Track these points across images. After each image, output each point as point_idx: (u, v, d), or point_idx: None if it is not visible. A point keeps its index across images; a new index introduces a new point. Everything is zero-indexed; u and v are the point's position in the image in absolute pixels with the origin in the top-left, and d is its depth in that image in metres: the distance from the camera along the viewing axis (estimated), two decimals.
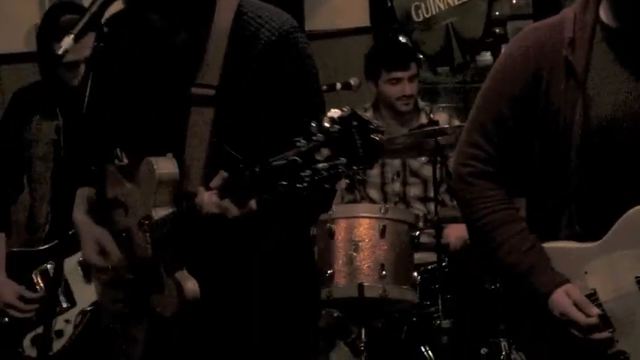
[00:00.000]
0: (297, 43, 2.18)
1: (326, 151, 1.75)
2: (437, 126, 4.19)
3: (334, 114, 1.78)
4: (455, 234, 4.36)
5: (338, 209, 3.98)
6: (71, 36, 1.95)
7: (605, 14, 2.34)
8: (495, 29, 5.49)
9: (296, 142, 1.79)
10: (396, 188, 4.67)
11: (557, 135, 2.33)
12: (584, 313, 2.29)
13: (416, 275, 3.96)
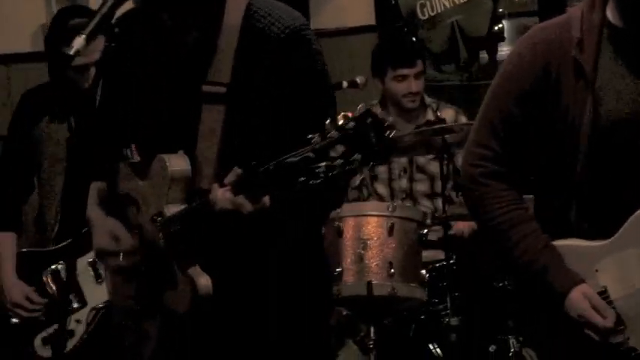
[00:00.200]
0: (306, 40, 2.19)
1: (341, 148, 1.76)
2: (444, 123, 4.19)
3: (349, 111, 1.79)
4: (464, 223, 4.37)
5: (346, 207, 3.98)
6: (83, 36, 1.96)
7: (611, 14, 2.34)
8: (494, 27, 5.50)
9: (310, 139, 1.80)
10: (403, 184, 4.68)
11: (565, 134, 2.34)
12: (602, 317, 2.30)
13: (424, 273, 3.95)
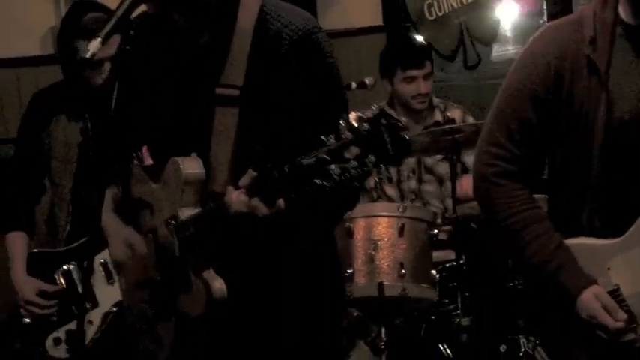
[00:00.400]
0: (319, 43, 2.18)
1: (355, 150, 1.76)
2: (453, 124, 4.19)
3: (363, 113, 1.79)
4: (469, 184, 4.35)
5: (356, 208, 3.94)
6: (99, 39, 1.97)
7: (624, 12, 2.35)
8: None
9: (324, 141, 1.79)
10: (412, 185, 4.69)
11: (579, 132, 2.34)
12: (612, 317, 2.31)
13: (435, 273, 3.96)
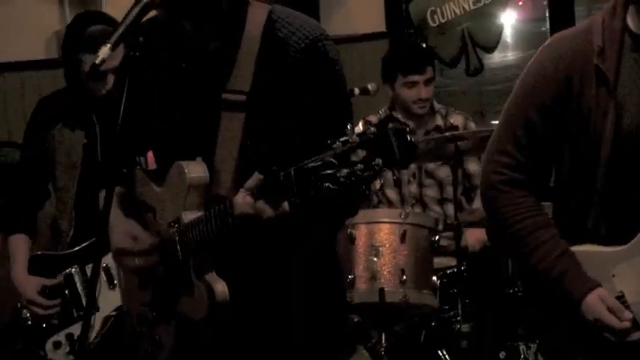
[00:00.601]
0: (326, 50, 2.20)
1: (362, 153, 1.76)
2: (455, 130, 4.20)
3: (370, 118, 1.80)
4: (474, 237, 4.38)
5: (358, 214, 3.98)
6: (108, 45, 1.99)
7: (632, 22, 2.36)
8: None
9: (331, 144, 1.80)
10: (413, 190, 4.70)
11: (587, 141, 2.36)
12: (617, 318, 2.32)
13: (435, 280, 3.97)
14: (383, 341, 3.94)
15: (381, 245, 3.90)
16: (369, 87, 4.62)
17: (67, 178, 3.54)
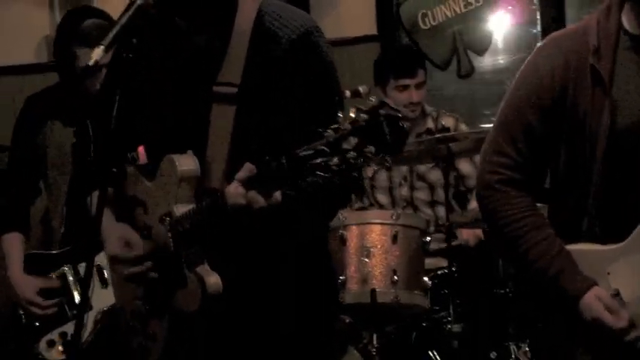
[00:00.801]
0: (317, 42, 2.22)
1: (354, 140, 1.76)
2: (447, 132, 4.21)
3: (361, 104, 1.79)
4: (470, 232, 4.39)
5: (350, 216, 4.01)
6: (101, 47, 1.99)
7: (627, 22, 2.37)
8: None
9: (323, 132, 1.79)
10: (404, 192, 4.71)
11: (582, 140, 2.37)
12: (615, 317, 2.32)
13: (427, 280, 3.98)
14: (374, 342, 3.94)
15: (373, 246, 3.90)
16: (361, 89, 4.58)
17: (58, 176, 3.53)
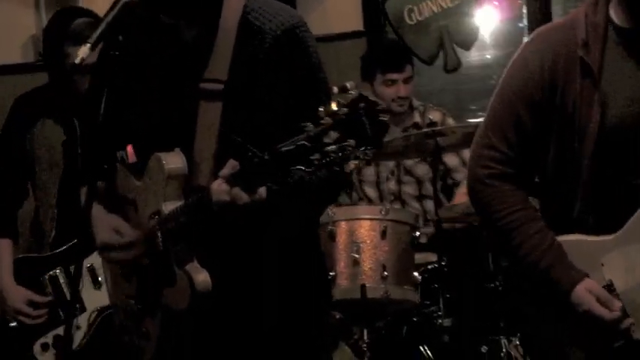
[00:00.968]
0: (303, 37, 2.22)
1: (334, 134, 1.76)
2: (434, 127, 4.23)
3: (341, 98, 1.79)
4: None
5: (339, 211, 4.00)
6: (88, 45, 2.00)
7: (615, 14, 2.38)
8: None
9: (304, 128, 1.80)
10: (391, 187, 4.72)
11: (572, 133, 2.38)
12: (607, 308, 2.33)
13: (417, 275, 3.98)
14: (365, 337, 3.94)
15: (362, 242, 3.90)
16: (348, 85, 4.57)
17: (48, 177, 3.52)
